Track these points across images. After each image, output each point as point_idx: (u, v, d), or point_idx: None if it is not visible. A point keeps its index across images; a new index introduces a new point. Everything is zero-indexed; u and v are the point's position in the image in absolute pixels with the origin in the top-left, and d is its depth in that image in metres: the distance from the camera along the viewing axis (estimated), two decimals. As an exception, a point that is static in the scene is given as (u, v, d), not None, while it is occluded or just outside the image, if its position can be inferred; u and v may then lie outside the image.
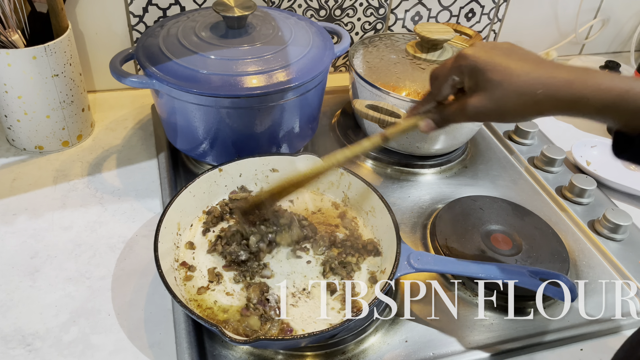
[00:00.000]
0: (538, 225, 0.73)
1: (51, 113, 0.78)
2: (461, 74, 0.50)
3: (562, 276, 0.58)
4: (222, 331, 0.49)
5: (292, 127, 0.76)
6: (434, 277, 0.67)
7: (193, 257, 0.64)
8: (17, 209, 0.72)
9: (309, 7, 0.96)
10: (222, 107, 0.69)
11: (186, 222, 0.67)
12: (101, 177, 0.78)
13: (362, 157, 0.86)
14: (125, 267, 0.65)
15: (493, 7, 1.07)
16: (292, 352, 0.57)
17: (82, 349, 0.56)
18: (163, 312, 0.61)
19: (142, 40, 0.74)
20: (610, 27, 1.20)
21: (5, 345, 0.56)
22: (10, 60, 0.71)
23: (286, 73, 0.69)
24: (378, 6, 1.00)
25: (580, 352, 0.61)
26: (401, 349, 0.59)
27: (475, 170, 0.86)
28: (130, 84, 0.69)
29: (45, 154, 0.82)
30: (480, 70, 0.48)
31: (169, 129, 0.78)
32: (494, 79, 0.47)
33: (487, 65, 0.48)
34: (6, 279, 0.63)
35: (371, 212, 0.68)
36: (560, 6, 1.12)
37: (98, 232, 0.70)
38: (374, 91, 0.79)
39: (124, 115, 0.91)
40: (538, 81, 0.46)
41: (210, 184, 0.70)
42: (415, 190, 0.81)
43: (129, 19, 0.89)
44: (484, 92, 0.48)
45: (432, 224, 0.74)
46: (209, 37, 0.73)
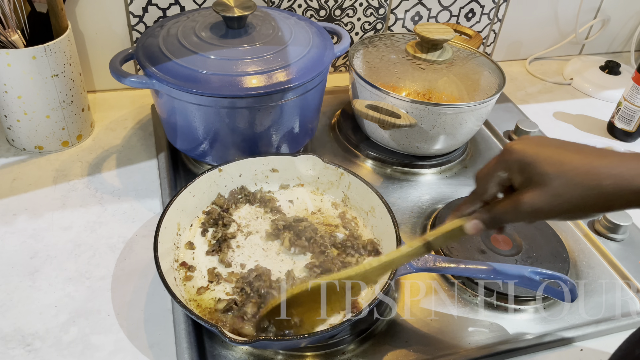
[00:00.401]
0: (538, 225, 0.73)
1: (51, 113, 0.78)
2: (509, 170, 0.45)
3: (562, 276, 0.57)
4: (221, 331, 0.49)
5: (292, 127, 0.76)
6: (434, 277, 0.67)
7: (193, 257, 0.64)
8: (17, 209, 0.72)
9: (309, 7, 0.96)
10: (222, 107, 0.69)
11: (186, 222, 0.67)
12: (101, 177, 0.78)
13: (362, 157, 0.86)
14: (125, 267, 0.65)
15: (493, 7, 1.07)
16: (292, 352, 0.57)
17: (82, 349, 0.56)
18: (163, 312, 0.61)
19: (142, 40, 0.74)
20: (610, 27, 1.20)
21: (5, 345, 0.56)
22: (10, 60, 0.71)
23: (286, 73, 0.69)
24: (378, 6, 1.00)
25: (580, 352, 0.61)
26: (401, 349, 0.59)
27: (475, 170, 0.86)
28: (130, 84, 0.69)
29: (45, 154, 0.82)
30: (530, 163, 0.43)
31: (169, 129, 0.78)
32: (549, 172, 0.42)
33: (539, 157, 0.43)
34: (6, 279, 0.63)
35: (371, 212, 0.68)
36: (560, 6, 1.12)
37: (98, 232, 0.70)
38: (374, 91, 0.79)
39: (124, 115, 0.91)
40: (604, 172, 0.41)
41: (210, 184, 0.70)
42: (415, 190, 0.81)
43: (129, 19, 0.89)
44: (539, 187, 0.43)
45: (432, 224, 0.74)
46: (209, 37, 0.73)
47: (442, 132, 0.80)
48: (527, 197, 0.44)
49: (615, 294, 0.67)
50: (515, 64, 1.19)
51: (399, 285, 0.65)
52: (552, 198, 0.43)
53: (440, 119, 0.77)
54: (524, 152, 0.44)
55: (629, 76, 0.94)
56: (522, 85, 1.12)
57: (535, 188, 0.43)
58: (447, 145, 0.84)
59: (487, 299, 0.65)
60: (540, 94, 1.09)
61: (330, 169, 0.71)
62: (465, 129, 0.82)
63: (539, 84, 1.13)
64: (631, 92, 0.92)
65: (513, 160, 0.45)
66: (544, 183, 0.43)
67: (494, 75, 0.84)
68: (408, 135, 0.81)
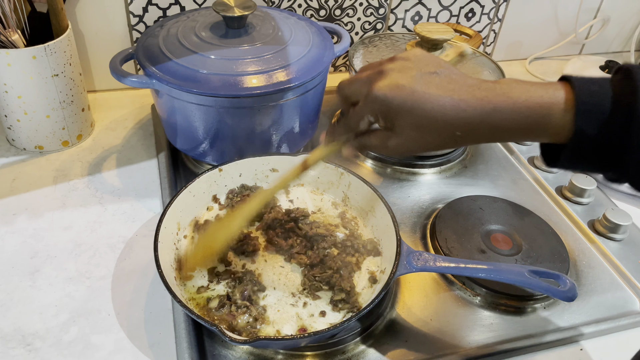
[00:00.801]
0: (538, 225, 0.73)
1: (51, 113, 0.78)
2: (376, 116, 0.49)
3: (562, 276, 0.58)
4: (222, 331, 0.49)
5: (292, 127, 0.76)
6: (434, 277, 0.67)
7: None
8: (17, 209, 0.72)
9: (309, 7, 0.96)
10: (222, 107, 0.69)
11: (186, 222, 0.67)
12: (101, 177, 0.78)
13: (362, 157, 0.86)
14: (125, 267, 0.65)
15: (493, 7, 1.07)
16: (292, 352, 0.57)
17: (82, 348, 0.56)
18: (163, 312, 0.61)
19: (142, 40, 0.74)
20: (610, 27, 1.20)
21: (5, 345, 0.56)
22: (10, 60, 0.71)
23: (286, 73, 0.69)
24: (378, 6, 1.00)
25: (580, 352, 0.61)
26: (401, 349, 0.59)
27: (475, 170, 0.86)
28: (130, 84, 0.69)
29: (45, 153, 0.82)
30: (393, 116, 0.47)
31: (169, 129, 0.78)
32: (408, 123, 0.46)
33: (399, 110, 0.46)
34: (6, 279, 0.63)
35: (371, 212, 0.68)
36: (560, 6, 1.12)
37: (98, 232, 0.70)
38: (374, 91, 0.78)
39: (124, 115, 0.91)
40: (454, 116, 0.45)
41: (210, 184, 0.70)
42: (415, 190, 0.81)
43: (129, 18, 0.89)
44: (401, 135, 0.47)
45: (432, 224, 0.74)
46: (209, 37, 0.73)
47: (442, 132, 0.80)
48: (392, 142, 0.48)
49: (615, 294, 0.67)
50: (515, 64, 1.19)
51: (399, 285, 0.65)
52: (417, 143, 0.47)
53: (440, 119, 0.77)
54: (386, 102, 0.46)
55: (629, 76, 0.94)
56: (522, 85, 1.12)
57: (398, 134, 0.48)
58: (447, 145, 0.84)
59: (487, 299, 0.65)
60: (540, 94, 1.09)
61: (330, 168, 0.71)
62: (465, 128, 0.81)
63: (539, 83, 1.13)
64: (631, 92, 0.91)
65: (378, 110, 0.47)
66: (405, 132, 0.47)
67: (494, 75, 0.84)
68: (408, 135, 0.81)
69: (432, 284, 0.66)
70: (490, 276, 0.58)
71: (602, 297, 0.67)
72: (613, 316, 0.64)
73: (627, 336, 0.63)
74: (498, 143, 0.93)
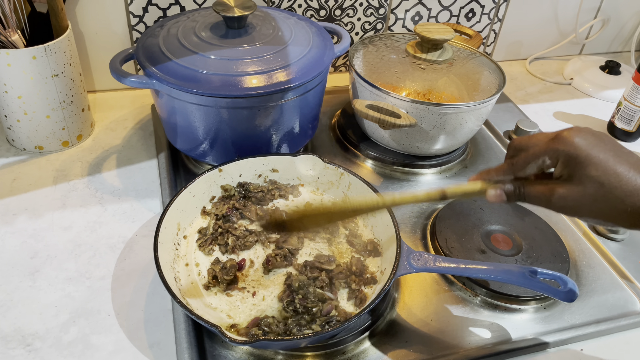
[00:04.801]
0: (538, 225, 0.73)
1: (51, 113, 0.78)
2: (556, 159, 0.44)
3: (562, 276, 0.58)
4: (221, 331, 0.49)
5: (292, 127, 0.76)
6: (434, 277, 0.67)
7: (194, 256, 0.64)
8: (17, 209, 0.72)
9: (309, 7, 0.96)
10: (222, 107, 0.69)
11: (186, 222, 0.67)
12: (101, 177, 0.78)
13: (362, 157, 0.86)
14: (125, 267, 0.65)
15: (493, 7, 1.07)
16: (292, 352, 0.57)
17: (82, 349, 0.57)
18: (163, 312, 0.61)
19: (142, 40, 0.74)
20: (611, 27, 1.20)
21: (5, 346, 0.56)
22: (10, 60, 0.71)
23: (286, 73, 0.69)
24: (378, 6, 1.00)
25: (580, 352, 0.61)
26: (401, 349, 0.59)
27: (475, 170, 0.86)
28: (130, 84, 0.69)
29: (45, 154, 0.82)
30: (580, 162, 0.42)
31: (169, 129, 0.78)
32: (595, 176, 0.42)
33: (591, 158, 0.42)
34: (6, 279, 0.63)
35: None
36: (560, 6, 1.12)
37: (98, 232, 0.70)
38: (374, 91, 0.79)
39: (124, 115, 0.91)
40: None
41: (210, 184, 0.70)
42: (415, 190, 0.81)
43: (129, 19, 0.89)
44: (579, 187, 0.43)
45: (432, 224, 0.74)
46: (209, 37, 0.73)
47: (442, 132, 0.80)
48: (564, 192, 0.44)
49: (615, 294, 0.67)
50: (516, 64, 1.19)
51: (399, 285, 0.65)
52: (588, 202, 0.43)
53: (440, 119, 0.77)
54: (578, 147, 0.43)
55: (629, 76, 0.94)
56: (522, 85, 1.12)
57: (575, 185, 0.43)
58: (447, 145, 0.84)
59: (487, 299, 0.65)
60: (541, 94, 1.09)
61: (330, 169, 0.71)
62: (466, 128, 0.82)
63: (539, 83, 1.13)
64: (631, 92, 0.92)
65: (564, 152, 0.43)
66: (585, 185, 0.43)
67: (494, 75, 0.84)
68: (408, 135, 0.81)
69: (432, 285, 0.66)
70: (491, 276, 0.58)
71: (602, 298, 0.67)
72: (613, 316, 0.64)
73: (627, 336, 0.63)
74: (498, 143, 0.93)
